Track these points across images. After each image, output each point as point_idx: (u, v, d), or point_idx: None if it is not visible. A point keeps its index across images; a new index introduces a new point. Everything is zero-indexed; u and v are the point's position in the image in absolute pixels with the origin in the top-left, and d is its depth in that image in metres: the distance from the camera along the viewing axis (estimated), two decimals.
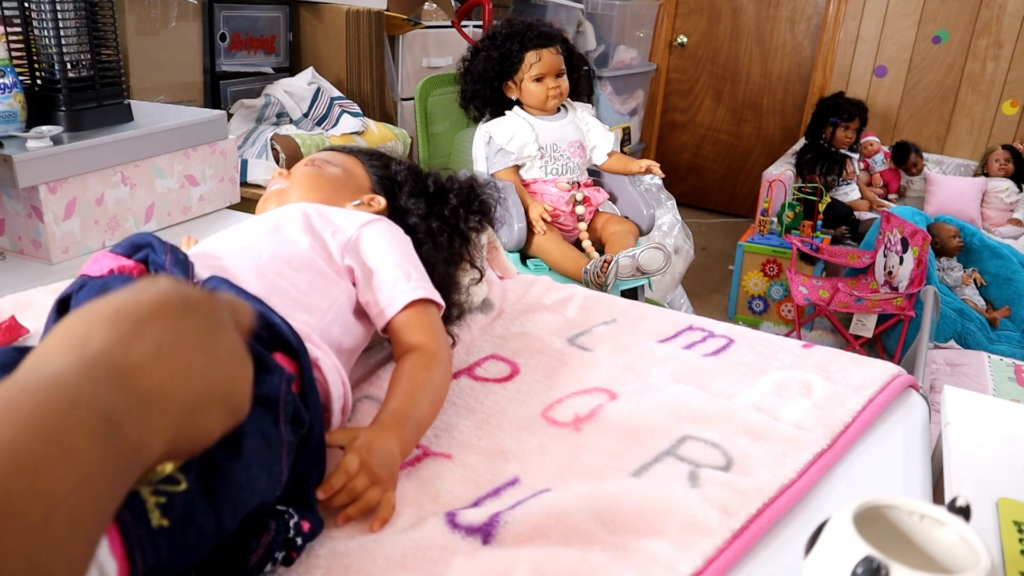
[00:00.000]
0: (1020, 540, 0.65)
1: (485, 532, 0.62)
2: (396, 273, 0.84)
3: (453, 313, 0.95)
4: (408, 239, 0.92)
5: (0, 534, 0.27)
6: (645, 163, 1.85)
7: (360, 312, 0.85)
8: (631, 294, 1.73)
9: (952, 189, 3.19)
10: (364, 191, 0.99)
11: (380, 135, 2.14)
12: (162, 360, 0.39)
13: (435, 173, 1.03)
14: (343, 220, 0.88)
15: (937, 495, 0.78)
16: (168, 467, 0.45)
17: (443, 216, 0.98)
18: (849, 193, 3.17)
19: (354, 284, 0.85)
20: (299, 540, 0.57)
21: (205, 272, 0.69)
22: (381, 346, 0.94)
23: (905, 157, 3.36)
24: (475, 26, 2.61)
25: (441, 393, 0.79)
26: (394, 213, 0.98)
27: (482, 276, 1.04)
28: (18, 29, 1.23)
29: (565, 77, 1.83)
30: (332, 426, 0.72)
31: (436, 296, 0.86)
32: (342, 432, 0.68)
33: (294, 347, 0.62)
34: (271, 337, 0.62)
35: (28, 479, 0.29)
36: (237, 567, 0.53)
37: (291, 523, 0.56)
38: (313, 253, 0.83)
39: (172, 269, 0.67)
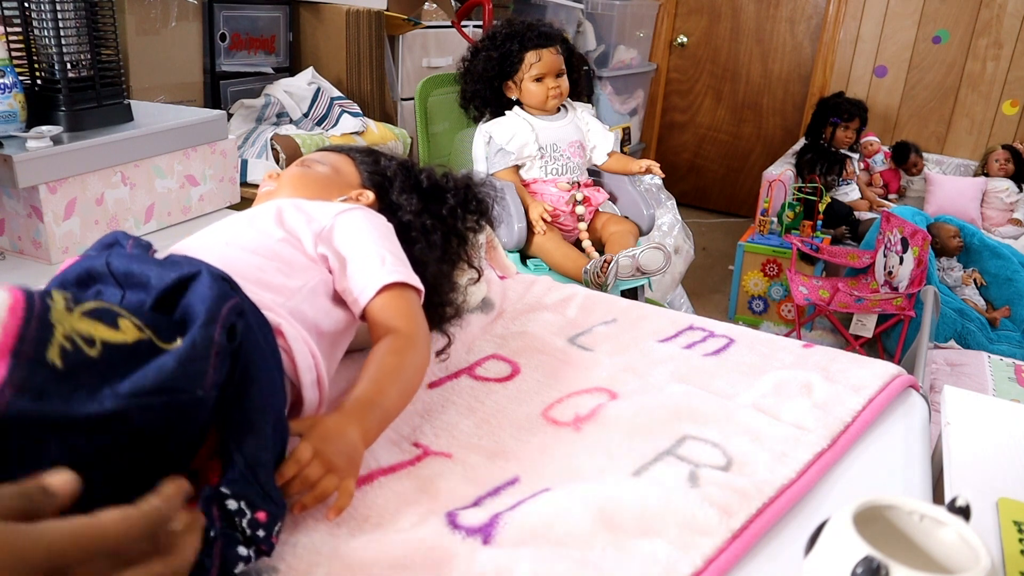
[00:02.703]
0: (1020, 540, 0.65)
1: (485, 532, 0.62)
2: (370, 259, 0.82)
3: (448, 312, 0.94)
4: (389, 226, 0.90)
5: None
6: (645, 163, 1.85)
7: (340, 299, 0.83)
8: (631, 294, 1.73)
9: (952, 189, 3.19)
10: (353, 187, 0.98)
11: (380, 135, 2.14)
12: None
13: (428, 169, 1.01)
14: (319, 211, 0.87)
15: (937, 495, 0.78)
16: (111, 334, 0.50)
17: (440, 216, 0.97)
18: (849, 193, 3.17)
19: (331, 272, 0.83)
20: (260, 532, 0.55)
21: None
22: None
23: (905, 157, 3.36)
24: (475, 26, 2.61)
25: (413, 379, 0.76)
26: (386, 209, 0.97)
27: (480, 276, 1.03)
28: (18, 29, 1.23)
29: (565, 77, 1.83)
30: (306, 403, 0.71)
31: (413, 279, 0.83)
32: (304, 420, 0.67)
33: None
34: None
35: None
36: None
37: (243, 522, 0.54)
38: (284, 243, 0.81)
39: (133, 251, 0.67)
